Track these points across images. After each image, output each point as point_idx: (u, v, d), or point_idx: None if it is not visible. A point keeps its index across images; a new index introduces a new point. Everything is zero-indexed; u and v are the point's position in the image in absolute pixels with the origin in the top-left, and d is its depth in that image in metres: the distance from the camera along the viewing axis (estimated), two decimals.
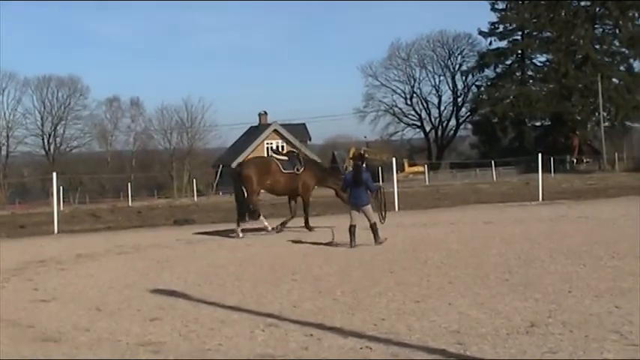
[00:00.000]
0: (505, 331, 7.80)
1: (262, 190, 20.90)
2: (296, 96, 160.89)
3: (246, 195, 19.93)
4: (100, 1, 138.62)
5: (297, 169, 20.48)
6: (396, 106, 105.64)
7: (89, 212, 36.83)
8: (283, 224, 20.49)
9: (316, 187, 21.61)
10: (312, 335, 8.03)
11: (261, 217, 20.31)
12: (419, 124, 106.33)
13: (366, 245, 15.90)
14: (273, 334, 8.23)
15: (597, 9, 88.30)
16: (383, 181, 64.89)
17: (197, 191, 68.47)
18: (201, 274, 13.19)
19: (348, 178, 16.97)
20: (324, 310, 9.49)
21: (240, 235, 19.68)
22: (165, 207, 41.50)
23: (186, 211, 35.79)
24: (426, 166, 77.06)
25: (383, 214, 17.42)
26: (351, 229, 16.17)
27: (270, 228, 20.17)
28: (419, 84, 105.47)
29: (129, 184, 67.27)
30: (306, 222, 20.58)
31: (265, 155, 34.26)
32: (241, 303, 10.14)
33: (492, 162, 67.65)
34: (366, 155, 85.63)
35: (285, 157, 21.10)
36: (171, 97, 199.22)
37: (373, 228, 16.26)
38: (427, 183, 62.27)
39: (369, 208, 16.41)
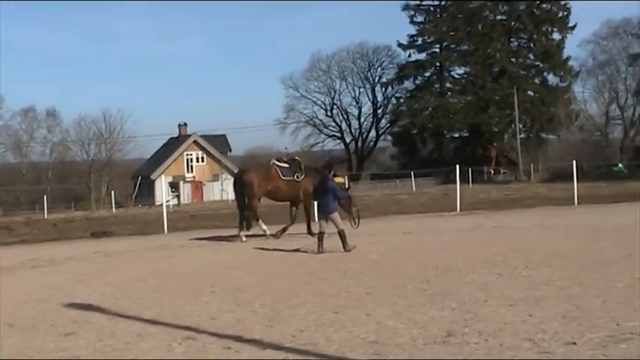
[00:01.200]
0: (422, 341, 7.86)
1: (264, 196, 21.36)
2: (216, 107, 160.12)
3: (246, 200, 20.33)
4: (12, 0, 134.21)
5: (297, 177, 20.83)
6: (317, 117, 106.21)
7: (2, 225, 36.01)
8: (283, 230, 20.77)
9: None
10: (230, 348, 7.98)
11: (260, 222, 20.53)
12: (339, 135, 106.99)
13: (334, 252, 16.08)
14: (191, 346, 8.15)
15: (513, 23, 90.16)
16: None
17: (115, 203, 67.59)
18: (119, 287, 12.98)
19: (317, 187, 17.22)
20: (243, 322, 9.43)
21: (244, 239, 20.00)
22: (82, 219, 40.85)
23: (104, 223, 35.30)
24: (346, 177, 77.28)
25: (355, 220, 17.96)
26: (320, 236, 16.54)
27: (268, 233, 20.44)
28: (339, 95, 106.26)
29: (45, 196, 65.89)
30: (308, 227, 20.81)
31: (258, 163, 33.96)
32: (159, 316, 10.02)
33: (412, 173, 68.38)
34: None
35: (286, 165, 21.33)
36: (89, 108, 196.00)
37: (341, 235, 16.51)
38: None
39: (336, 215, 16.69)
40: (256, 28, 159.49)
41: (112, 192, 72.20)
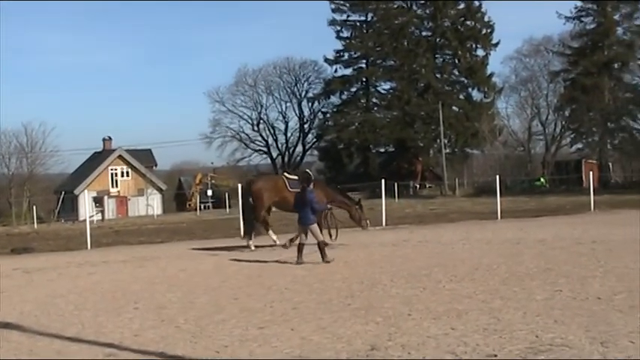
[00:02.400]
0: (346, 355, 7.89)
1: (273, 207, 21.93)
2: (142, 121, 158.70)
3: (254, 209, 20.97)
4: None
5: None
6: (243, 131, 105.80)
7: None
8: (292, 240, 20.52)
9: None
10: None
11: (270, 232, 20.96)
12: (266, 150, 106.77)
13: (313, 263, 16.00)
14: None
15: (438, 39, 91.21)
16: (230, 207, 64.90)
17: (37, 218, 66.35)
18: (39, 305, 12.74)
19: (297, 199, 17.63)
20: (167, 338, 9.35)
21: (252, 248, 20.52)
22: (2, 235, 39.96)
23: (25, 239, 34.60)
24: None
25: (333, 232, 18.39)
26: (299, 247, 16.87)
27: (278, 242, 20.73)
28: (266, 110, 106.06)
29: None
30: (295, 239, 20.85)
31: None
32: (80, 333, 9.86)
33: (338, 187, 68.57)
34: (213, 181, 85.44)
35: (295, 177, 21.67)
36: (9, 121, 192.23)
37: (320, 247, 16.82)
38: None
39: (315, 227, 17.05)
40: (181, 41, 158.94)
41: (34, 207, 70.88)
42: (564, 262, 14.77)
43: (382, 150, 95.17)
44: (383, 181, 34.14)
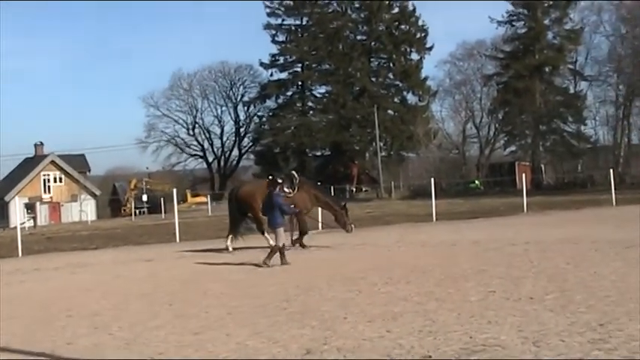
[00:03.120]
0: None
1: None
2: (75, 126, 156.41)
3: (251, 215, 21.06)
4: None
5: (289, 192, 20.97)
6: (179, 136, 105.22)
7: None
8: (299, 242, 21.19)
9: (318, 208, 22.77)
10: None
11: (266, 234, 20.47)
12: (201, 154, 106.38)
13: (250, 267, 15.67)
14: None
15: (373, 43, 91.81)
16: (165, 212, 64.40)
17: None
18: None
19: (265, 202, 17.73)
20: (100, 346, 9.22)
21: (230, 249, 20.49)
22: None
23: None
24: (208, 196, 76.99)
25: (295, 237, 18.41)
26: (281, 250, 16.87)
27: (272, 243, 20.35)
28: (201, 114, 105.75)
29: None
30: (300, 240, 21.20)
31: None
32: (10, 343, 9.65)
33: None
34: (148, 186, 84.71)
35: (279, 180, 21.09)
36: None
37: (281, 249, 16.86)
38: (210, 213, 62.07)
39: (280, 230, 17.00)
40: (113, 45, 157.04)
41: None
42: (498, 264, 14.94)
43: (318, 153, 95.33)
44: (319, 184, 34.10)
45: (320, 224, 20.49)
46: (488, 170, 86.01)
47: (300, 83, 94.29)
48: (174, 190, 33.83)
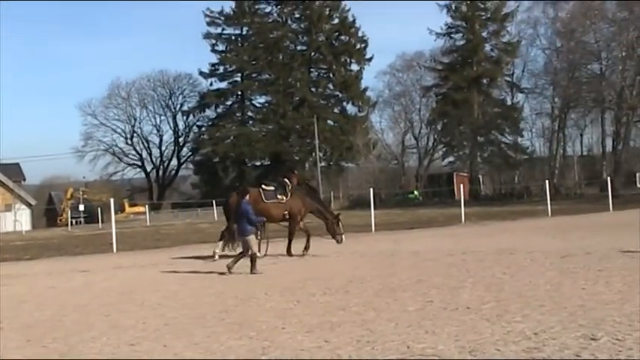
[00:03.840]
0: None
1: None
2: (9, 135, 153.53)
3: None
4: None
5: (281, 199, 21.19)
6: (117, 145, 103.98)
7: None
8: (304, 249, 21.36)
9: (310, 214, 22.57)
10: None
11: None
12: (140, 163, 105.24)
13: (189, 276, 15.45)
14: None
15: (313, 54, 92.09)
16: (103, 222, 63.64)
17: None
18: None
19: (235, 211, 17.90)
20: (33, 358, 9.04)
21: (216, 257, 20.25)
22: None
23: None
24: (147, 206, 76.34)
25: (262, 246, 18.36)
26: (252, 257, 16.95)
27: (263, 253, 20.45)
28: (140, 123, 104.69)
29: None
30: (288, 248, 21.24)
31: None
32: None
33: (214, 201, 68.15)
34: (85, 196, 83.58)
35: (271, 188, 21.70)
36: None
37: (251, 258, 16.87)
38: (148, 223, 61.57)
39: (249, 239, 17.02)
40: (49, 52, 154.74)
41: None
42: (436, 274, 15.05)
43: (258, 163, 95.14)
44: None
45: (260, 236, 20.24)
46: (427, 181, 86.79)
47: (239, 93, 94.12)
48: (112, 200, 33.48)
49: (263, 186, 22.07)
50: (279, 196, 21.17)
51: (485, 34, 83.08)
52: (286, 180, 22.00)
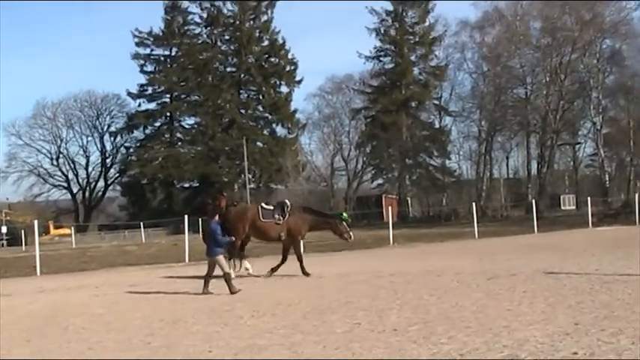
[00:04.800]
0: None
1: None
2: None
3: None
4: None
5: (278, 219, 20.68)
6: (42, 166, 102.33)
7: None
8: (273, 270, 20.71)
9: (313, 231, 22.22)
10: None
11: (245, 261, 20.98)
12: (66, 185, 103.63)
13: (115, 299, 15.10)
14: None
15: (242, 75, 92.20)
16: (26, 244, 62.35)
17: None
18: None
19: (205, 230, 17.79)
20: None
21: (233, 275, 19.14)
22: None
23: None
24: (72, 228, 75.11)
25: (235, 265, 18.18)
26: (206, 277, 16.89)
27: (251, 272, 20.81)
28: (66, 144, 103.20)
29: None
30: (302, 269, 20.40)
31: None
32: None
33: (141, 223, 67.49)
34: (8, 218, 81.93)
35: (270, 207, 21.37)
36: None
37: (225, 278, 16.62)
38: (74, 245, 60.50)
39: (219, 259, 16.76)
40: None
41: None
42: (364, 295, 15.08)
43: (186, 185, 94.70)
44: (186, 216, 33.82)
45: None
46: (356, 203, 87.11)
47: (168, 114, 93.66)
48: (36, 222, 32.85)
49: (263, 204, 22.03)
50: (276, 216, 20.95)
51: (414, 58, 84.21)
52: (286, 201, 21.78)
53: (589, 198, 51.10)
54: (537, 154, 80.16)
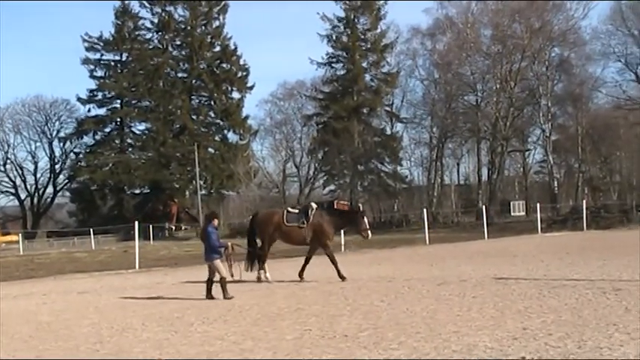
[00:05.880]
0: None
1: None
2: None
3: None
4: None
5: (302, 223, 20.43)
6: None
7: None
8: (300, 274, 20.53)
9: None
10: None
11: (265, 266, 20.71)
12: (13, 191, 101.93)
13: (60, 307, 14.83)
14: None
15: (194, 81, 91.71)
16: None
17: None
18: None
19: (201, 236, 17.56)
20: None
21: (268, 277, 20.17)
22: None
23: None
24: (20, 234, 74.04)
25: (232, 269, 17.58)
26: (208, 282, 16.75)
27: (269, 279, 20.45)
28: (13, 150, 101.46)
29: None
30: (338, 272, 20.01)
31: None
32: None
33: (91, 230, 66.78)
34: None
35: (295, 211, 21.16)
36: None
37: (221, 283, 16.49)
38: (22, 252, 59.63)
39: (216, 263, 16.67)
40: None
41: None
42: (315, 302, 15.09)
43: (137, 191, 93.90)
44: (137, 223, 33.56)
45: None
46: None
47: (118, 120, 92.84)
48: None
49: (289, 208, 21.95)
50: (300, 220, 20.73)
51: (366, 65, 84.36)
52: (312, 204, 21.51)
53: (538, 204, 51.75)
54: (488, 160, 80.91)
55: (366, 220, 20.98)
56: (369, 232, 20.78)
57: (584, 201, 56.37)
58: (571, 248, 29.19)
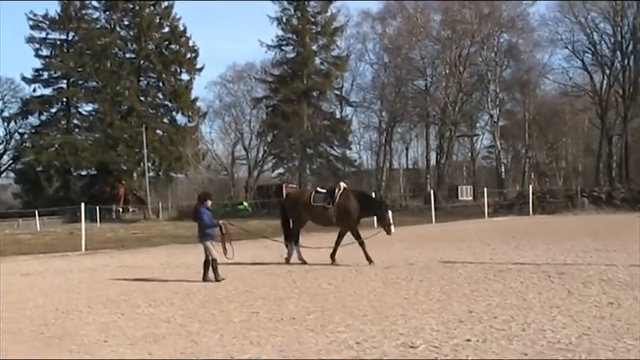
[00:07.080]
0: None
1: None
2: None
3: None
4: None
5: (328, 203, 20.08)
6: None
7: None
8: (332, 257, 20.12)
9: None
10: None
11: (295, 245, 20.45)
12: None
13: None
14: None
15: (142, 62, 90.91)
16: None
17: None
18: None
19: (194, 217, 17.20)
20: None
21: (296, 255, 20.05)
22: None
23: None
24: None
25: (225, 249, 16.97)
26: (205, 264, 16.40)
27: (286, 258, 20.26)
28: None
29: None
30: (366, 255, 19.44)
31: None
32: None
33: (36, 212, 65.90)
34: None
35: (323, 191, 20.83)
36: None
37: (212, 265, 16.22)
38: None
39: (206, 244, 16.37)
40: None
41: None
42: (262, 285, 15.10)
43: (84, 173, 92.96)
44: (83, 205, 33.18)
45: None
46: (256, 192, 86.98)
47: (65, 100, 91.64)
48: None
49: (318, 188, 21.82)
50: (325, 201, 20.50)
51: (316, 48, 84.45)
52: (341, 184, 21.18)
53: (485, 189, 52.33)
54: (436, 145, 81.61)
55: (390, 214, 20.86)
56: (393, 227, 20.54)
57: (531, 186, 57.17)
58: (517, 232, 29.55)
